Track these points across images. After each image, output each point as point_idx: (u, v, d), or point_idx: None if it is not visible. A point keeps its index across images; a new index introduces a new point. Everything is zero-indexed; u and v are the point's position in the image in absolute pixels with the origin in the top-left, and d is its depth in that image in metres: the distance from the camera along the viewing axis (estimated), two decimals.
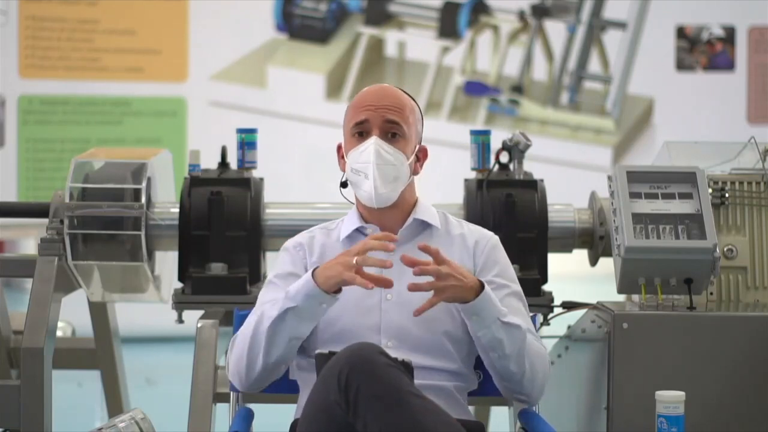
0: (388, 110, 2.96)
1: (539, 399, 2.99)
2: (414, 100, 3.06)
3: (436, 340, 2.93)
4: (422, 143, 3.06)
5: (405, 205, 3.01)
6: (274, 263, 3.09)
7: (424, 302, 2.81)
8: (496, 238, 3.07)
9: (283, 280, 2.96)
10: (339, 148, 3.05)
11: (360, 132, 2.96)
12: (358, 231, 3.02)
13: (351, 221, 3.03)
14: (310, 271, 2.80)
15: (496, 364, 2.89)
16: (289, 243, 3.06)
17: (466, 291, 2.81)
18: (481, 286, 2.82)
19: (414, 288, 2.76)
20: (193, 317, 3.96)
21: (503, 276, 3.00)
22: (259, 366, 2.87)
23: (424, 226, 3.03)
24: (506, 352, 2.86)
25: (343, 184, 3.03)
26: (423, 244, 2.80)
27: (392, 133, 2.96)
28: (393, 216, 3.01)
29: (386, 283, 2.75)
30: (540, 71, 8.06)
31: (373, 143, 2.93)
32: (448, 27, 7.98)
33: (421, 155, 3.04)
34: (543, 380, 2.94)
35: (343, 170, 3.03)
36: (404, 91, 3.05)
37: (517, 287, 3.02)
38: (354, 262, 2.74)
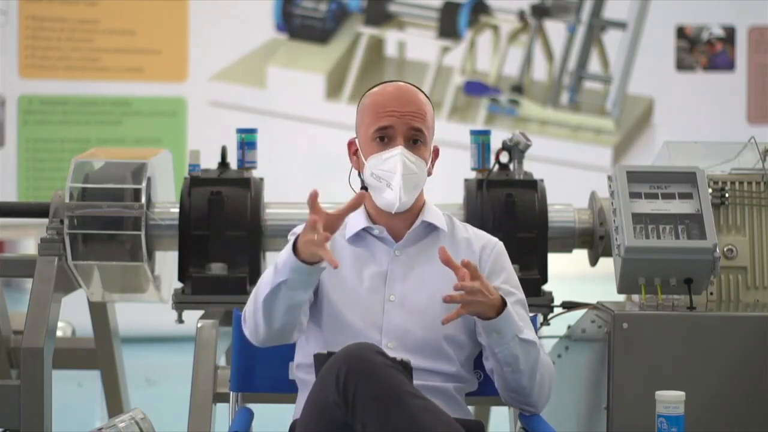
0: (413, 117, 2.93)
1: (542, 409, 2.99)
2: (426, 95, 3.02)
3: (436, 343, 2.92)
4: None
5: (414, 206, 3.00)
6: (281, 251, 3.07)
7: (430, 307, 2.83)
8: (501, 244, 3.07)
9: None
10: (350, 144, 3.03)
11: (382, 137, 2.94)
12: (365, 230, 3.01)
13: (358, 220, 3.01)
14: (290, 243, 2.75)
15: (508, 378, 2.90)
16: (297, 229, 3.04)
17: (490, 308, 2.81)
18: (503, 303, 2.82)
19: (449, 300, 2.74)
20: (193, 317, 3.97)
21: (509, 283, 3.00)
22: (265, 332, 2.86)
23: (431, 228, 3.03)
24: (520, 368, 2.87)
25: (363, 187, 3.00)
26: (465, 260, 2.77)
27: (414, 140, 2.95)
28: (401, 218, 3.00)
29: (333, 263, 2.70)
30: (540, 71, 8.05)
31: (399, 153, 2.91)
32: (448, 27, 7.98)
33: (434, 155, 3.04)
34: (549, 391, 2.95)
35: (356, 167, 3.01)
36: (417, 87, 3.02)
37: (522, 295, 3.02)
38: (317, 238, 2.67)
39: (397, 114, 2.93)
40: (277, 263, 2.78)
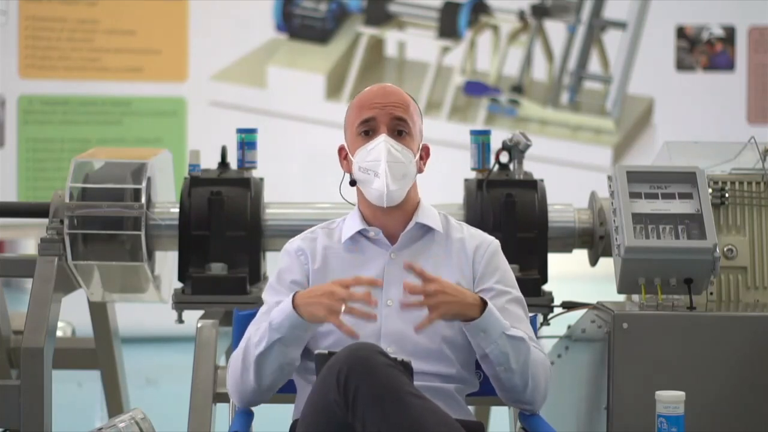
0: (395, 107, 2.95)
1: (542, 406, 2.99)
2: (411, 97, 3.04)
3: (435, 346, 2.92)
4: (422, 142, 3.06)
5: (408, 206, 3.01)
6: (276, 264, 3.08)
7: (425, 310, 2.82)
8: (497, 243, 3.06)
9: (286, 288, 2.95)
10: (341, 149, 3.04)
11: (366, 130, 2.95)
12: (361, 234, 3.01)
13: (353, 222, 3.02)
14: (290, 300, 2.78)
15: (501, 377, 2.89)
16: (291, 246, 3.03)
17: (466, 307, 2.80)
18: (484, 303, 2.82)
19: (406, 306, 2.77)
20: (193, 317, 3.97)
21: (504, 282, 3.00)
22: (253, 390, 2.88)
23: (426, 229, 3.02)
24: (512, 366, 2.86)
25: (352, 182, 3.01)
26: (407, 263, 2.79)
27: (399, 130, 2.95)
28: (396, 218, 3.00)
29: (371, 317, 2.74)
30: (540, 71, 8.05)
31: (383, 141, 2.92)
32: (448, 27, 7.98)
33: (424, 153, 3.04)
34: (545, 388, 2.94)
35: (347, 171, 3.02)
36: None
37: (518, 293, 3.01)
38: (341, 309, 2.72)
39: (379, 105, 2.95)
40: (271, 322, 2.80)
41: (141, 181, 4.03)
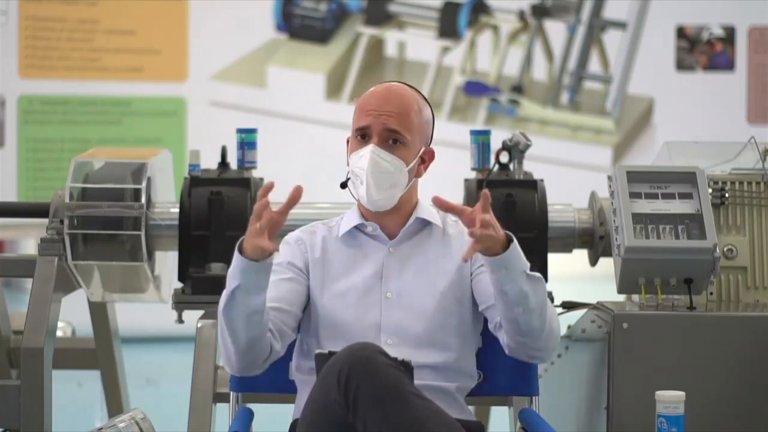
0: (389, 117, 2.93)
1: (551, 357, 2.98)
2: (425, 98, 3.02)
3: (436, 337, 2.93)
4: (430, 142, 3.05)
5: (405, 207, 3.01)
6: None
7: (424, 299, 2.84)
8: None
9: (283, 267, 2.96)
10: (348, 141, 3.04)
11: (363, 135, 2.95)
12: (358, 228, 3.02)
13: (351, 218, 3.03)
14: (236, 247, 2.75)
15: (519, 320, 2.83)
16: (290, 237, 3.05)
17: (497, 242, 2.76)
18: (509, 239, 2.79)
19: (471, 235, 2.69)
20: (193, 317, 3.97)
21: None
22: (234, 353, 2.83)
23: (424, 224, 3.03)
24: (531, 306, 2.81)
25: (343, 185, 3.02)
26: (485, 192, 2.72)
27: (393, 139, 2.95)
28: (393, 217, 3.00)
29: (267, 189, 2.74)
30: (540, 71, 8.05)
31: (369, 151, 2.92)
32: (448, 27, 7.98)
33: (427, 157, 3.02)
34: (557, 339, 2.91)
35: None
36: (415, 89, 3.02)
37: None
38: (259, 227, 2.69)
39: (374, 114, 2.94)
40: (228, 274, 2.78)
41: (141, 181, 4.03)
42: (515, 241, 2.79)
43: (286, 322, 2.90)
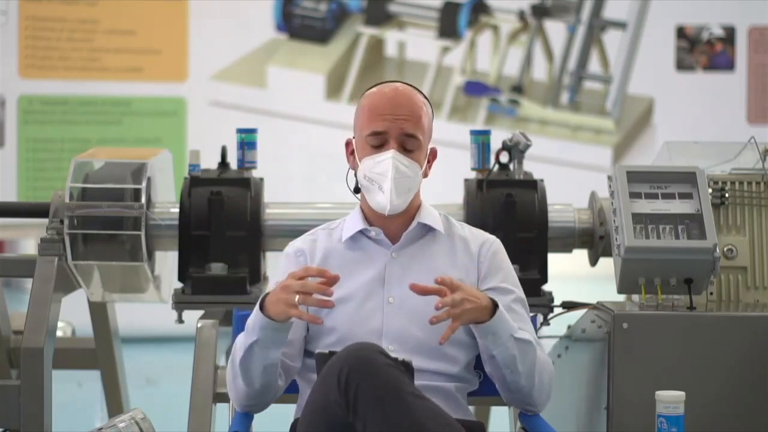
0: (405, 121, 2.91)
1: (545, 407, 2.99)
2: (425, 96, 3.01)
3: (437, 344, 2.91)
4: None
5: (411, 208, 3.00)
6: (276, 266, 3.08)
7: (427, 307, 2.81)
8: (499, 242, 3.06)
9: None
10: (348, 144, 3.03)
11: (376, 140, 2.93)
12: (362, 233, 3.01)
13: (354, 222, 3.01)
14: (258, 303, 2.79)
15: (507, 379, 2.89)
16: (291, 248, 3.04)
17: (481, 312, 2.80)
18: (495, 305, 2.82)
19: (436, 321, 2.73)
20: (193, 317, 3.97)
21: (507, 281, 3.00)
22: (246, 393, 2.89)
23: (427, 229, 3.02)
24: (518, 368, 2.87)
25: (356, 189, 3.01)
26: (438, 278, 2.76)
27: (409, 143, 2.93)
28: (397, 220, 2.99)
29: (327, 305, 2.74)
30: (540, 71, 8.05)
31: (391, 157, 2.90)
32: (448, 27, 7.98)
33: (431, 157, 3.02)
34: (549, 389, 2.95)
35: (352, 166, 3.00)
36: (415, 88, 3.00)
37: (521, 293, 3.02)
38: (296, 300, 2.71)
39: (390, 118, 2.91)
40: (247, 325, 2.81)
41: (141, 181, 4.03)
42: (501, 307, 2.82)
43: (290, 356, 2.92)
